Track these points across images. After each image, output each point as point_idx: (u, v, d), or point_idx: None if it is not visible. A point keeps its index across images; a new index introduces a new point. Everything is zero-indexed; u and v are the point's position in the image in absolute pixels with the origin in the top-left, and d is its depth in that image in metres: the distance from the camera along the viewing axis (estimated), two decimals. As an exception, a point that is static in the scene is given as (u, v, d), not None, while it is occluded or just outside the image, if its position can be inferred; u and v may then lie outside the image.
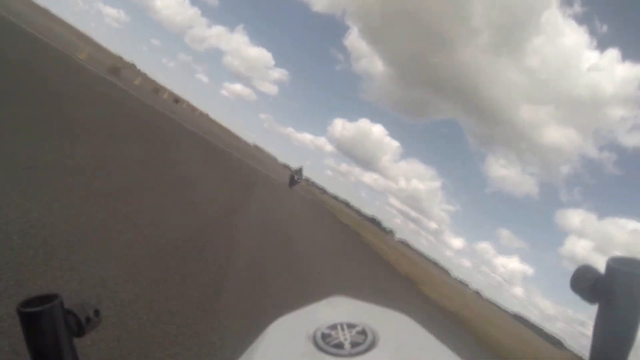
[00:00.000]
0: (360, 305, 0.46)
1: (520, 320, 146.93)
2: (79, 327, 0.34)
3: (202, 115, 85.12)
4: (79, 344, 0.34)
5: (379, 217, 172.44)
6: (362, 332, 0.34)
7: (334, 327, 0.36)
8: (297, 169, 25.44)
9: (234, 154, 22.34)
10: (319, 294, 0.57)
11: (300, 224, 11.44)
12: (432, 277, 28.30)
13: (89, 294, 2.01)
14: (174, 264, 3.04)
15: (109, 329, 1.85)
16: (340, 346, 0.33)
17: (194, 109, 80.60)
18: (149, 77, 75.16)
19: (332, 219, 24.61)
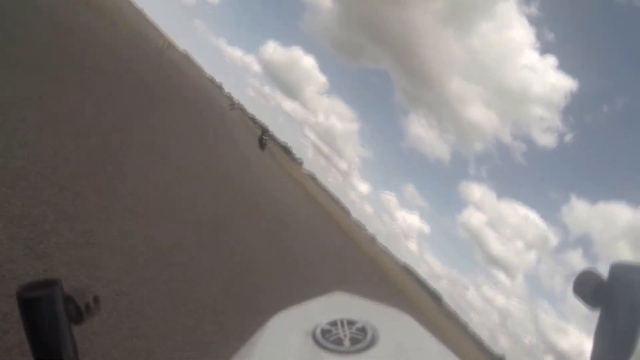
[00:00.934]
0: (360, 302, 0.46)
1: (407, 271, 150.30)
2: (78, 314, 0.34)
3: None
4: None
5: (291, 145, 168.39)
6: (362, 329, 0.34)
7: (333, 324, 0.36)
8: (264, 129, 26.56)
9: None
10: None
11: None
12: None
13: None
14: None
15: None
16: (339, 342, 0.33)
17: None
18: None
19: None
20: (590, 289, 0.35)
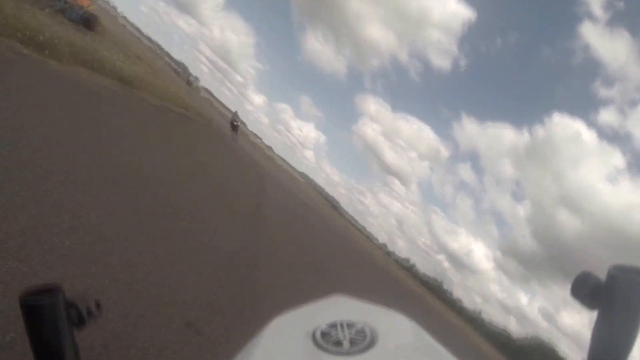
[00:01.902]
0: (360, 304, 0.46)
1: (305, 177, 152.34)
2: (80, 319, 0.34)
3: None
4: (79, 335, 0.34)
5: (186, 63, 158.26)
6: (362, 331, 0.35)
7: (333, 326, 0.36)
8: (234, 113, 26.38)
9: None
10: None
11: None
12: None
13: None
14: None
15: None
16: (339, 344, 0.33)
17: None
18: None
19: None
20: (588, 290, 0.36)
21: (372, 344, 0.33)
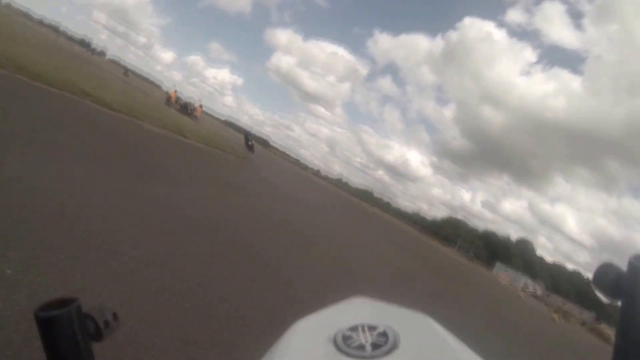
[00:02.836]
0: (381, 306, 0.45)
1: (230, 125, 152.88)
2: (97, 331, 0.34)
3: None
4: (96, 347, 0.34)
5: (85, 35, 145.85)
6: (383, 334, 0.34)
7: (354, 329, 0.35)
8: (248, 132, 30.36)
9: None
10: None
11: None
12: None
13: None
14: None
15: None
16: (361, 348, 0.32)
17: None
18: None
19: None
20: (609, 281, 0.36)
21: (394, 347, 0.32)
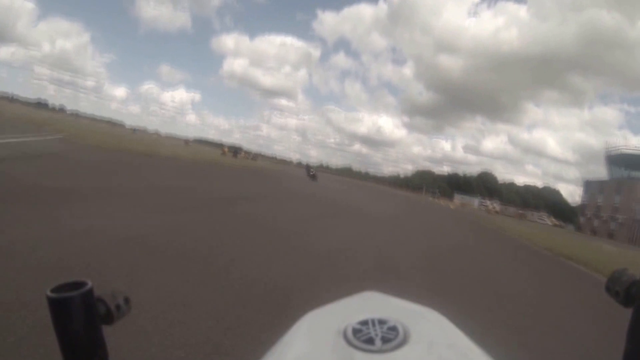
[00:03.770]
0: (391, 300, 0.46)
1: (202, 141, 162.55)
2: (109, 315, 0.34)
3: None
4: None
5: (33, 95, 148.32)
6: (394, 328, 0.34)
7: (364, 323, 0.36)
8: (308, 165, 39.41)
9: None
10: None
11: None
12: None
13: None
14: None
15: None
16: (371, 342, 0.33)
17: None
18: None
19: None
20: (622, 287, 0.37)
21: (404, 341, 0.32)
